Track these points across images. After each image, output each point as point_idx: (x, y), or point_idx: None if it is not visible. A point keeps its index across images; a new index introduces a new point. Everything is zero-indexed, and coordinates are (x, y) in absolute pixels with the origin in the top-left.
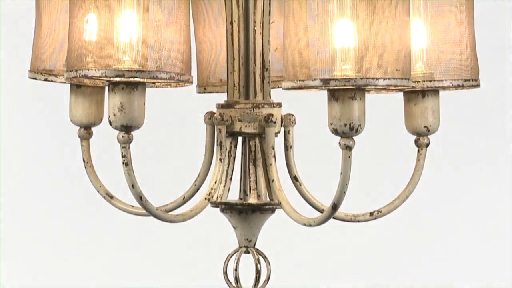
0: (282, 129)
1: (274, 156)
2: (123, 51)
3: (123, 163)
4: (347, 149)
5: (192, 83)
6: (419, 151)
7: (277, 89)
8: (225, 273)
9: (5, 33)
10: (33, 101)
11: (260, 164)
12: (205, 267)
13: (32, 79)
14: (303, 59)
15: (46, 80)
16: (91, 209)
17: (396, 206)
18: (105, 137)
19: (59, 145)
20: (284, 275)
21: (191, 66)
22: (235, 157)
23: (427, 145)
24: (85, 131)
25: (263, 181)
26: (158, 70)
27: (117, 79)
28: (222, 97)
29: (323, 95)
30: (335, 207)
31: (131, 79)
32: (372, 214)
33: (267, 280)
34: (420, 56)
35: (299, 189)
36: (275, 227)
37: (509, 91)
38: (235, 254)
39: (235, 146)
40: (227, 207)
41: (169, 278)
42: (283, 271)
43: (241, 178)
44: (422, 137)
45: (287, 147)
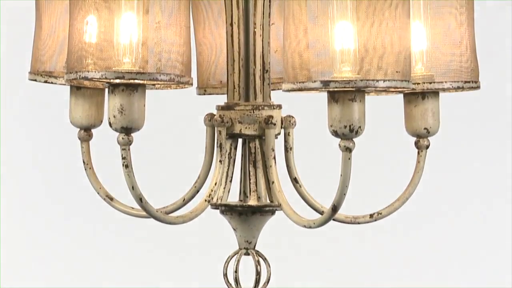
0: (282, 131)
1: (274, 158)
2: (123, 53)
3: (123, 165)
4: (347, 151)
5: (192, 85)
6: (419, 153)
7: (277, 91)
8: (225, 275)
9: (5, 34)
10: (33, 103)
11: (260, 166)
12: (205, 269)
13: (32, 81)
14: (303, 61)
15: (46, 82)
16: (91, 211)
17: (396, 208)
18: (105, 139)
19: (59, 147)
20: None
21: (191, 68)
22: (235, 159)
23: (427, 147)
24: (85, 133)
25: (263, 183)
26: (158, 72)
27: (117, 81)
28: (222, 99)
29: (323, 97)
30: (335, 209)
31: (131, 81)
32: (372, 216)
33: (267, 282)
34: (420, 58)
35: (299, 191)
36: (275, 229)
37: (509, 93)
38: (235, 256)
39: (235, 148)
40: (227, 209)
41: (169, 280)
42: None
43: (241, 180)
44: (422, 139)
45: (287, 149)
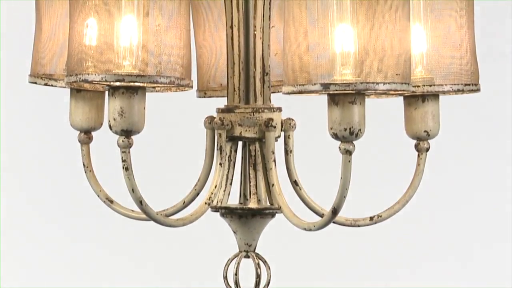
0: (282, 133)
1: (274, 160)
2: (123, 55)
3: (123, 167)
4: (347, 153)
5: (192, 87)
6: (419, 155)
7: (277, 93)
8: (225, 277)
9: (5, 37)
10: (33, 105)
11: (260, 168)
12: (205, 271)
13: (32, 83)
14: (303, 64)
15: (46, 84)
16: (91, 214)
17: (396, 211)
18: (105, 141)
19: (59, 150)
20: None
21: (191, 70)
22: (235, 161)
23: (427, 149)
24: (85, 135)
25: (263, 185)
26: (158, 75)
27: (117, 83)
28: (222, 102)
29: (323, 99)
30: (335, 211)
31: (131, 83)
32: (372, 218)
33: (267, 284)
34: (420, 60)
35: (299, 194)
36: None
37: (509, 96)
38: (235, 258)
39: (235, 151)
40: (227, 212)
41: (169, 283)
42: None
43: (241, 182)
44: (422, 142)
45: (287, 152)
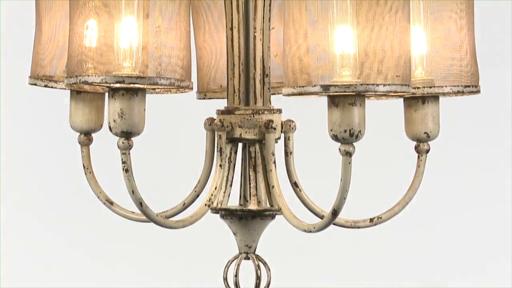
0: (282, 135)
1: (274, 162)
2: (123, 57)
3: (123, 169)
4: (347, 155)
5: (192, 89)
6: (419, 157)
7: (277, 95)
8: (225, 279)
9: (5, 39)
10: (33, 107)
11: (260, 170)
12: (205, 273)
13: (32, 85)
14: (303, 65)
15: (46, 86)
16: (91, 215)
17: (396, 212)
18: (105, 143)
19: (59, 151)
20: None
21: (191, 72)
22: (235, 163)
23: (427, 151)
24: (85, 137)
25: (263, 187)
26: (158, 76)
27: (117, 85)
28: (222, 103)
29: (323, 101)
30: (335, 213)
31: (131, 85)
32: (372, 220)
33: (267, 286)
34: (420, 62)
35: (299, 195)
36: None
37: (509, 97)
38: (235, 260)
39: (235, 152)
40: (227, 213)
41: (169, 284)
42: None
43: (241, 184)
44: (422, 143)
45: (287, 153)
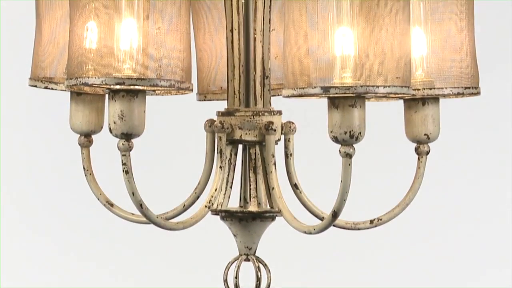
0: (282, 137)
1: (274, 163)
2: (123, 58)
3: (123, 170)
4: (348, 156)
5: (192, 90)
6: (419, 158)
7: (277, 97)
8: (225, 280)
9: (5, 40)
10: (33, 109)
11: (260, 171)
12: (205, 275)
13: (32, 86)
14: (303, 67)
15: (46, 88)
16: (91, 217)
17: (397, 214)
18: (105, 144)
19: (59, 153)
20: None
21: (191, 73)
22: (235, 164)
23: (427, 152)
24: (85, 138)
25: (263, 188)
26: (158, 78)
27: (118, 86)
28: (223, 105)
29: (324, 102)
30: (335, 214)
31: (132, 87)
32: (372, 221)
33: (267, 287)
34: (420, 63)
35: (299, 197)
36: (276, 234)
37: (509, 99)
38: (236, 261)
39: (236, 154)
40: (227, 215)
41: (169, 286)
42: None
43: (241, 185)
44: (422, 145)
45: (287, 155)
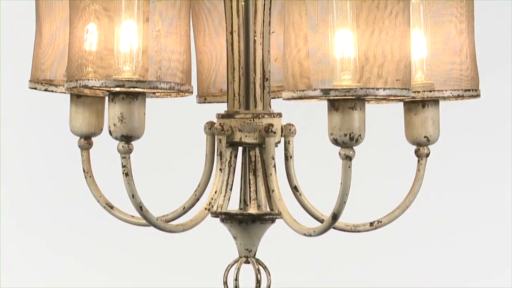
0: (282, 139)
1: (274, 166)
2: (123, 61)
3: (123, 173)
4: (347, 159)
5: (192, 93)
6: (419, 161)
7: (277, 99)
8: (225, 283)
9: (5, 42)
10: (33, 111)
11: (260, 174)
12: (205, 277)
13: (32, 89)
14: (303, 69)
15: (46, 90)
16: (91, 219)
17: (396, 216)
18: (105, 147)
19: (59, 155)
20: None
21: (191, 76)
22: (235, 167)
23: (427, 155)
24: (85, 141)
25: (263, 191)
26: (158, 80)
27: (117, 89)
28: (222, 107)
29: (324, 105)
30: (335, 217)
31: (131, 89)
32: (372, 224)
33: None
34: (420, 66)
35: (299, 199)
36: (275, 237)
37: (509, 101)
38: (235, 264)
39: (235, 156)
40: (227, 217)
41: None
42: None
43: (241, 188)
44: (422, 147)
45: (287, 157)
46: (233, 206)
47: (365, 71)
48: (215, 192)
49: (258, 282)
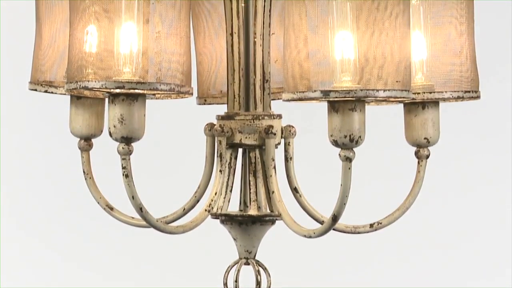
0: (282, 140)
1: (274, 167)
2: (123, 62)
3: (123, 174)
4: (347, 160)
5: (192, 94)
6: (419, 162)
7: (277, 100)
8: (225, 284)
9: (5, 44)
10: (33, 112)
11: (260, 175)
12: (205, 278)
13: (32, 90)
14: (303, 71)
15: (46, 91)
16: (91, 221)
17: (396, 218)
18: (105, 148)
19: (59, 157)
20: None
21: (191, 77)
22: (235, 168)
23: (427, 156)
24: (85, 142)
25: (263, 192)
26: (158, 82)
27: (117, 90)
28: (222, 109)
29: (324, 106)
30: (335, 218)
31: (131, 90)
32: (372, 225)
33: None
34: (420, 67)
35: (299, 201)
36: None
37: (509, 103)
38: (235, 265)
39: (235, 158)
40: (227, 219)
41: None
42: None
43: (241, 189)
44: (422, 149)
45: (287, 159)
46: (233, 207)
47: (365, 73)
48: (215, 194)
49: (258, 283)
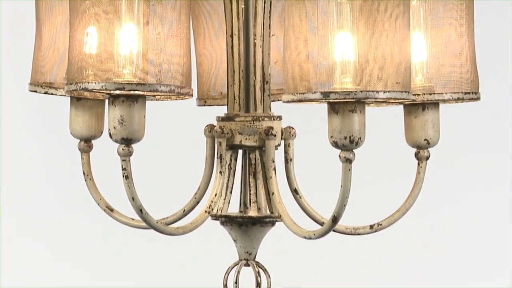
0: (282, 142)
1: (274, 169)
2: (123, 64)
3: (123, 176)
4: (347, 162)
5: (192, 96)
6: (419, 164)
7: (277, 102)
8: (225, 285)
9: (5, 45)
10: (33, 114)
11: (260, 177)
12: (205, 279)
13: (32, 92)
14: (303, 72)
15: (46, 93)
16: (91, 222)
17: (396, 219)
18: (105, 150)
19: (59, 158)
20: None
21: (191, 79)
22: (235, 170)
23: (427, 158)
24: (85, 144)
25: (263, 194)
26: (158, 83)
27: (117, 92)
28: (222, 110)
29: (324, 108)
30: (335, 220)
31: (131, 92)
32: (372, 227)
33: None
34: (420, 69)
35: (299, 202)
36: (275, 240)
37: (509, 104)
38: (235, 267)
39: (235, 159)
40: (227, 220)
41: None
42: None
43: (241, 191)
44: (422, 150)
45: (287, 160)
46: (233, 209)
47: (365, 74)
48: (215, 195)
49: (258, 285)
